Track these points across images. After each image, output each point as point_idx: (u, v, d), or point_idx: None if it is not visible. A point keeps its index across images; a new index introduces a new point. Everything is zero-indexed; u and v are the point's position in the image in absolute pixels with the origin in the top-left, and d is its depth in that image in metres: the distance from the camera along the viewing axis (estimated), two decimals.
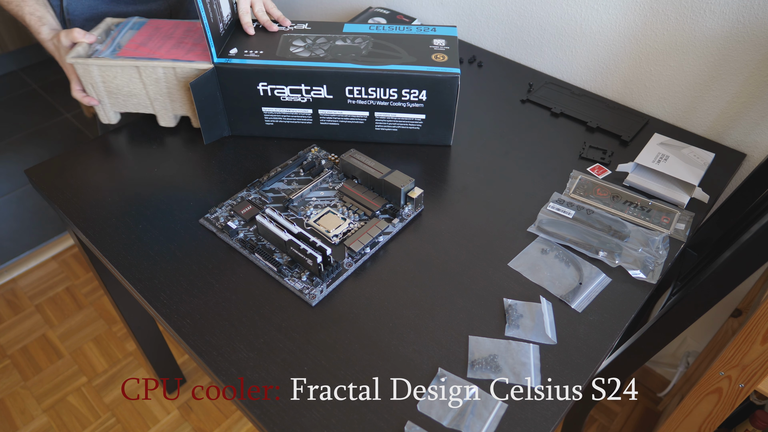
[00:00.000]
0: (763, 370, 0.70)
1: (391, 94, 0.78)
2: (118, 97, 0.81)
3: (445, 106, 0.79)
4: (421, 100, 0.79)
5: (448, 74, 0.76)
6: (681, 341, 1.13)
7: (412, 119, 0.81)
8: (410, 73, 0.76)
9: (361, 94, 0.79)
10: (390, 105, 0.80)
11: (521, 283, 0.65)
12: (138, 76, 0.78)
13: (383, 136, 0.84)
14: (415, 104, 0.79)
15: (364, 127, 0.83)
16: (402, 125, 0.82)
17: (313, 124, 0.83)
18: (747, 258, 0.57)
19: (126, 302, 1.01)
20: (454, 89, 0.77)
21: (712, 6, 0.79)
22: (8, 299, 1.47)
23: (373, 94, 0.78)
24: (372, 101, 0.79)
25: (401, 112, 0.80)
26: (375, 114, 0.81)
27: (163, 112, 0.83)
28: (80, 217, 0.73)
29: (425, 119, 0.81)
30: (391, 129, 0.83)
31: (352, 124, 0.83)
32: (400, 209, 0.72)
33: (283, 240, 0.64)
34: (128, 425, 1.21)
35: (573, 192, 0.76)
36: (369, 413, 0.53)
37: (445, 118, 0.81)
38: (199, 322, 0.60)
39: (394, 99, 0.79)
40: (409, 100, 0.79)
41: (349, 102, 0.80)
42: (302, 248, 0.62)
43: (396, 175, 0.72)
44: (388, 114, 0.81)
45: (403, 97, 0.78)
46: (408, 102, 0.79)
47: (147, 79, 0.79)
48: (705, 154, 0.79)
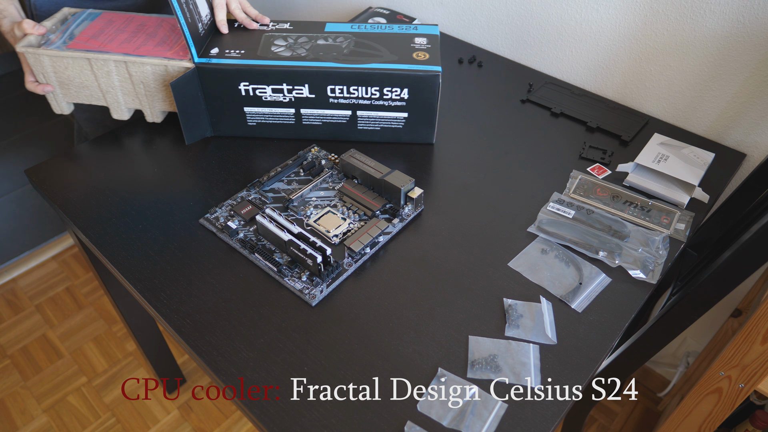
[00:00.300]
0: (763, 370, 0.70)
1: (373, 92, 0.78)
2: (70, 87, 0.81)
3: (426, 104, 0.80)
4: (403, 99, 0.79)
5: (430, 72, 0.77)
6: (681, 341, 1.13)
7: (395, 117, 0.81)
8: (392, 71, 0.77)
9: (343, 92, 0.79)
10: (372, 104, 0.80)
11: (521, 283, 0.65)
12: (89, 68, 0.78)
13: (366, 134, 0.84)
14: (397, 102, 0.79)
15: (347, 126, 0.83)
16: (384, 124, 0.82)
17: (296, 123, 0.83)
18: (747, 258, 0.57)
19: (126, 302, 1.01)
20: (435, 87, 0.77)
21: (712, 6, 0.79)
22: (8, 299, 1.47)
23: (355, 92, 0.79)
24: (354, 100, 0.80)
25: (383, 110, 0.80)
26: (357, 113, 0.81)
27: (116, 105, 0.83)
28: (80, 217, 0.73)
29: (407, 117, 0.81)
30: (374, 128, 0.83)
31: (334, 123, 0.83)
32: (400, 209, 0.72)
33: (283, 240, 0.64)
34: (128, 425, 1.21)
35: (573, 192, 0.76)
36: (369, 413, 0.53)
37: (427, 116, 0.81)
38: (199, 322, 0.60)
39: (376, 98, 0.79)
40: (390, 98, 0.79)
41: (331, 101, 0.80)
42: (302, 248, 0.62)
43: (396, 175, 0.72)
44: (371, 113, 0.81)
45: (384, 95, 0.79)
46: (390, 100, 0.79)
47: (98, 71, 0.78)
48: (705, 154, 0.79)
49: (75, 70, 0.79)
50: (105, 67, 0.78)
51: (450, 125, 0.89)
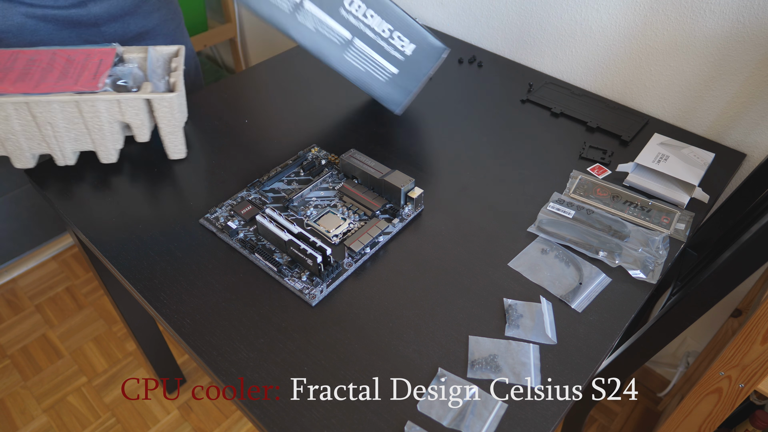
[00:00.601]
0: (763, 370, 0.70)
1: (385, 30, 0.77)
2: None
3: (417, 71, 0.80)
4: (404, 54, 0.79)
5: (438, 44, 0.79)
6: (681, 341, 1.13)
7: (384, 67, 0.80)
8: (413, 21, 0.78)
9: (359, 11, 0.77)
10: (376, 41, 0.78)
11: (521, 283, 0.65)
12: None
13: (346, 67, 0.81)
14: (397, 54, 0.79)
15: (335, 48, 0.80)
16: (371, 67, 0.81)
17: (290, 14, 0.78)
18: (747, 258, 0.57)
19: (126, 302, 1.01)
20: (434, 59, 0.79)
21: (712, 6, 0.79)
22: (8, 299, 1.47)
23: (370, 18, 0.77)
24: (363, 25, 0.77)
25: (380, 53, 0.79)
26: (355, 41, 0.79)
27: (18, 153, 0.74)
28: (80, 217, 0.73)
29: (394, 74, 0.81)
30: (359, 65, 0.81)
31: (326, 38, 0.79)
32: (400, 209, 0.72)
33: (283, 240, 0.64)
34: (128, 425, 1.21)
35: (573, 192, 0.76)
36: (369, 413, 0.53)
37: (410, 83, 0.81)
38: (199, 322, 0.60)
39: (384, 36, 0.78)
40: (395, 45, 0.79)
41: (341, 12, 0.77)
42: (302, 248, 0.62)
43: (396, 175, 0.72)
44: (367, 49, 0.79)
45: (392, 39, 0.78)
46: (393, 47, 0.79)
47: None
48: (705, 154, 0.79)
49: None
50: (2, 111, 0.69)
51: (450, 125, 0.89)
